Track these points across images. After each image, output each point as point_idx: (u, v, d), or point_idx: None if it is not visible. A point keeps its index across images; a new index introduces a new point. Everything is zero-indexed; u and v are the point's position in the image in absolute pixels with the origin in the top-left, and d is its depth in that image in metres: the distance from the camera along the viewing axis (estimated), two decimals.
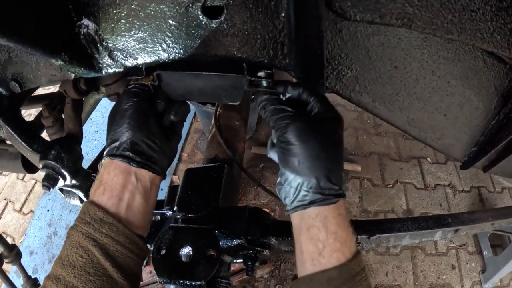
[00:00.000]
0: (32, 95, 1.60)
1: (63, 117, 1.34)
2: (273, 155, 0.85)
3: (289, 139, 0.73)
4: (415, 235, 1.39)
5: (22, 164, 1.44)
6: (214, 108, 2.02)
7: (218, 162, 1.37)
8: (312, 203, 0.75)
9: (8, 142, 1.45)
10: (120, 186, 0.82)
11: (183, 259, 1.00)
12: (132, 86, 0.88)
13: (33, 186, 3.20)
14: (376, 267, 2.64)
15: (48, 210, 2.96)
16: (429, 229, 1.38)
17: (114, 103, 0.93)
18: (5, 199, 3.16)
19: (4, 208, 3.10)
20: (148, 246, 1.00)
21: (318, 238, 0.75)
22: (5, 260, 1.62)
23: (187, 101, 0.98)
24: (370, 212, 2.90)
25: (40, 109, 1.52)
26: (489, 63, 0.80)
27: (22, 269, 1.71)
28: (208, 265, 0.99)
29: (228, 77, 0.82)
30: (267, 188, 1.42)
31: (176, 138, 0.95)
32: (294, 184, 0.76)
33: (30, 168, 1.46)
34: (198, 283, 0.96)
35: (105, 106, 3.27)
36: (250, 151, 3.12)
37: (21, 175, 3.28)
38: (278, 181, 0.81)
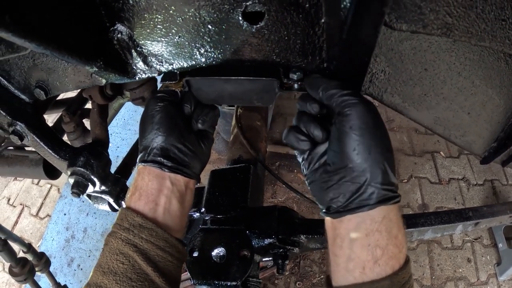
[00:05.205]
0: None
1: (89, 122, 1.34)
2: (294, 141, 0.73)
3: (355, 124, 0.62)
4: (437, 229, 1.41)
5: (44, 171, 1.44)
6: (229, 108, 2.03)
7: (243, 162, 1.39)
8: (381, 202, 0.62)
9: (27, 149, 1.45)
10: (156, 191, 0.81)
11: (216, 260, 1.02)
12: (158, 91, 0.86)
13: (49, 190, 3.21)
14: None
15: (65, 214, 2.98)
16: (451, 223, 1.40)
17: (134, 106, 0.92)
18: (21, 204, 3.17)
19: (20, 213, 3.12)
20: None
21: (378, 245, 0.62)
22: (36, 269, 1.62)
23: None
24: None
25: (58, 114, 1.52)
26: (510, 63, 0.82)
27: (52, 276, 1.72)
28: (242, 265, 1.01)
29: (258, 81, 0.81)
30: (289, 185, 1.45)
31: (209, 140, 0.92)
32: (354, 178, 0.62)
33: (51, 174, 1.46)
34: (234, 283, 0.98)
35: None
36: None
37: (36, 180, 3.29)
38: (319, 176, 0.69)
